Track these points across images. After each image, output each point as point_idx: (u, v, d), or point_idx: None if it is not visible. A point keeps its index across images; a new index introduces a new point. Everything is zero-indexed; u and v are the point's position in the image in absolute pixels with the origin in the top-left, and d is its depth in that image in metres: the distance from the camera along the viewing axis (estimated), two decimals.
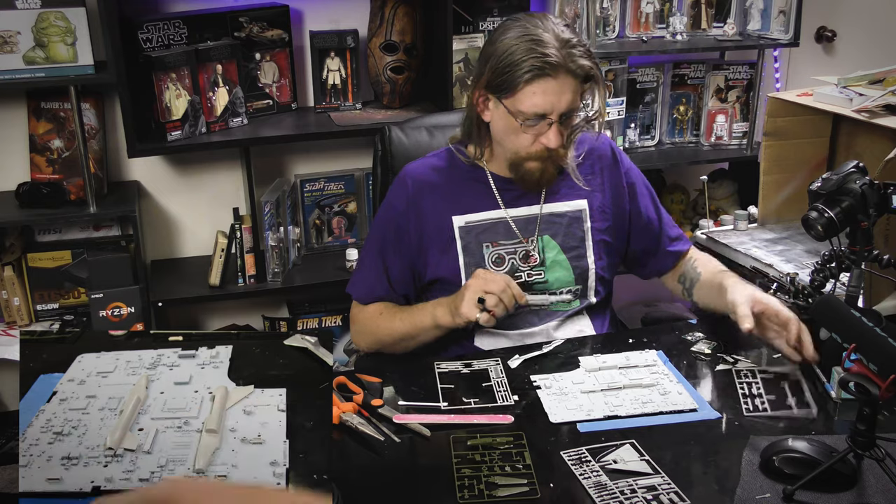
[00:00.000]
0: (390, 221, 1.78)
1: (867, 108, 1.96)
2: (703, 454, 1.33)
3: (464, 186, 1.76)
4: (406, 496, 1.25)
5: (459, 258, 1.74)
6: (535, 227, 1.75)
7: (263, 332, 2.86)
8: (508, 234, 1.75)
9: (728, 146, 3.14)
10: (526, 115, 1.61)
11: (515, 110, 1.61)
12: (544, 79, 1.58)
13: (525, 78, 1.58)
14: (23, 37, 2.34)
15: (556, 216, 1.77)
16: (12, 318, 2.63)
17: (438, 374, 1.56)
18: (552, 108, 1.60)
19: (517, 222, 1.75)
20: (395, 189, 1.80)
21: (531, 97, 1.59)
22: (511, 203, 1.76)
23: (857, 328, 1.25)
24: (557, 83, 1.58)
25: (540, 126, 1.62)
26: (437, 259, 1.75)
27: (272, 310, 2.99)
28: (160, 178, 2.80)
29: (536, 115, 1.61)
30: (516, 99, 1.61)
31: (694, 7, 2.99)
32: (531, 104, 1.59)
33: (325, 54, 2.75)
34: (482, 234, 1.74)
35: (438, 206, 1.75)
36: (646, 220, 1.84)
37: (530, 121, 1.62)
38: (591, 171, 1.80)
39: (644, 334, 1.72)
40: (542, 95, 1.58)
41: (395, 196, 1.79)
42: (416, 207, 1.75)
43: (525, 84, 1.58)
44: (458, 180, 1.77)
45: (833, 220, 1.54)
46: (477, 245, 1.74)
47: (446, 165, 1.79)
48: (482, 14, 2.83)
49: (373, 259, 1.79)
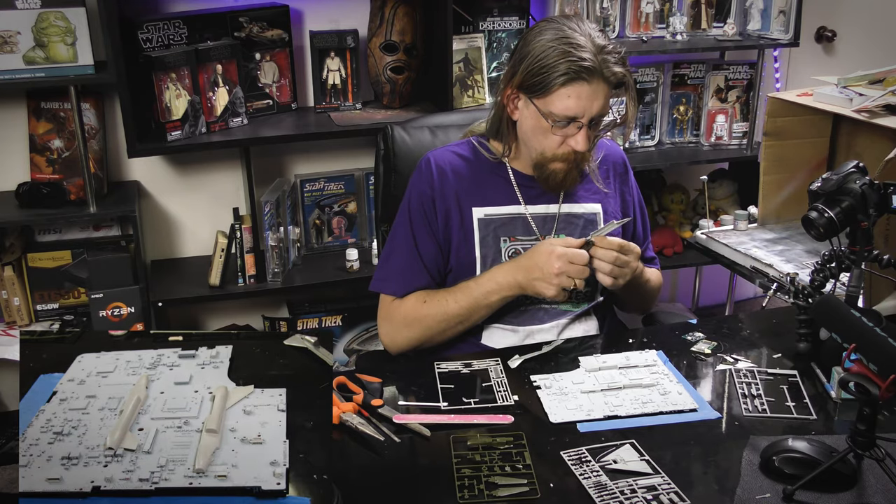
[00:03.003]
0: (418, 206, 1.76)
1: (867, 108, 1.96)
2: (703, 454, 1.33)
3: (486, 179, 1.77)
4: (406, 496, 1.25)
5: (476, 250, 1.74)
6: (552, 226, 1.77)
7: (263, 332, 2.86)
8: (526, 231, 1.76)
9: (728, 146, 3.14)
10: (557, 117, 1.62)
11: (547, 111, 1.63)
12: (579, 83, 1.59)
13: (560, 80, 1.59)
14: (23, 37, 2.34)
15: (573, 216, 1.78)
16: (12, 318, 2.63)
17: (438, 374, 1.56)
18: (584, 113, 1.61)
19: (535, 219, 1.76)
20: (420, 174, 1.78)
21: (565, 100, 1.60)
22: (531, 201, 1.77)
23: (857, 328, 1.25)
24: (591, 88, 1.59)
25: (569, 129, 1.64)
26: (455, 247, 1.75)
27: (272, 310, 2.99)
28: (160, 178, 2.80)
29: (567, 118, 1.62)
30: (549, 100, 1.62)
31: (694, 7, 3.00)
32: (564, 107, 1.61)
33: (325, 54, 2.75)
34: (500, 227, 1.75)
35: (460, 193, 1.76)
36: (634, 236, 1.88)
37: (560, 123, 1.63)
38: (606, 177, 1.83)
39: (644, 334, 1.72)
40: (576, 99, 1.60)
41: (419, 180, 1.78)
42: (441, 191, 1.75)
43: (560, 86, 1.59)
44: (480, 172, 1.78)
45: (833, 220, 1.54)
46: (494, 238, 1.75)
47: (470, 156, 1.80)
48: (482, 14, 2.84)
49: (403, 249, 1.76)
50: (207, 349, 1.24)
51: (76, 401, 1.14)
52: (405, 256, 1.76)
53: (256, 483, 1.06)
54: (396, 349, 1.75)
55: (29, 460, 1.06)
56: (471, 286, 1.69)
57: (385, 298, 1.77)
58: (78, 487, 1.03)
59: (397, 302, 1.75)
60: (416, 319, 1.71)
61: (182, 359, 1.22)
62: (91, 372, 1.19)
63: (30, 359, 1.20)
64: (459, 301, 1.69)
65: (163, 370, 1.20)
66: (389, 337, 1.75)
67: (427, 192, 1.75)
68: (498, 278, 1.66)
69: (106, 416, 1.12)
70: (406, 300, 1.74)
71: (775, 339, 1.69)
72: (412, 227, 1.76)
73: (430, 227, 1.75)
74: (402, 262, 1.76)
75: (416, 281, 1.75)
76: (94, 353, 1.22)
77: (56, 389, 1.16)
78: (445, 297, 1.70)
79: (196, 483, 1.05)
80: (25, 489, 1.03)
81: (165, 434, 1.10)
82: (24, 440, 1.08)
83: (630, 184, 1.88)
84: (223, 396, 1.16)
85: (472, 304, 1.68)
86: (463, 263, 1.75)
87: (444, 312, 1.69)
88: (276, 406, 1.17)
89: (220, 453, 1.09)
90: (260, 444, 1.11)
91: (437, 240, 1.75)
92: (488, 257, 1.74)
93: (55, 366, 1.19)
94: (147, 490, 1.04)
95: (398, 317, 1.74)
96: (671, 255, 3.07)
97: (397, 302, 1.75)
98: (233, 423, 1.13)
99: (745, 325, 1.78)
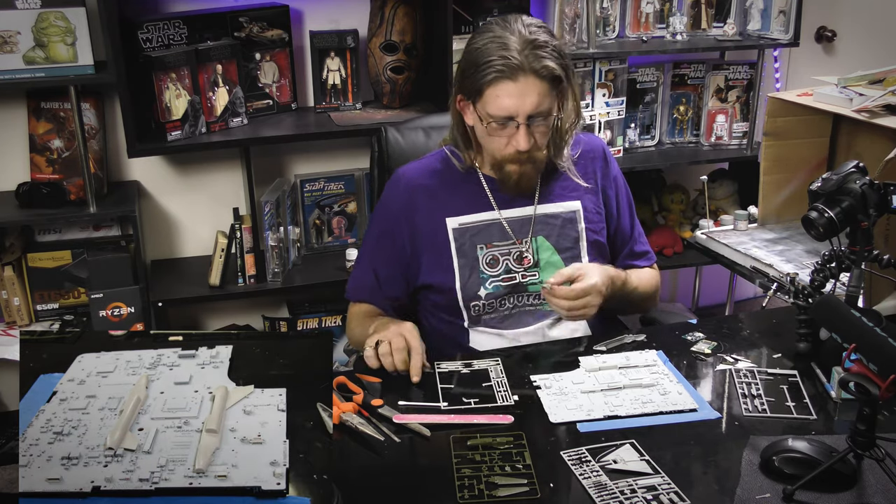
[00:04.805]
0: (381, 224, 1.80)
1: (867, 108, 1.96)
2: (703, 454, 1.33)
3: (457, 188, 1.77)
4: (406, 496, 1.25)
5: (454, 260, 1.74)
6: (529, 229, 1.76)
7: (263, 332, 2.86)
8: (503, 236, 1.75)
9: (728, 146, 3.14)
10: (493, 118, 1.62)
11: (483, 113, 1.63)
12: (504, 81, 1.58)
13: (487, 80, 1.59)
14: (23, 37, 2.34)
15: (550, 217, 1.77)
16: (12, 318, 2.63)
17: (438, 374, 1.56)
18: (517, 111, 1.60)
19: (511, 223, 1.75)
20: (389, 191, 1.81)
21: (495, 100, 1.60)
22: (504, 204, 1.76)
23: (857, 328, 1.25)
24: (518, 85, 1.58)
25: (509, 129, 1.63)
26: (431, 262, 1.75)
27: (272, 310, 2.99)
28: (160, 178, 2.80)
29: (503, 118, 1.61)
30: (483, 102, 1.62)
31: (694, 7, 3.00)
32: (496, 107, 1.60)
33: (325, 54, 2.75)
34: (476, 235, 1.74)
35: (432, 208, 1.75)
36: (620, 230, 1.87)
37: (497, 123, 1.62)
38: (585, 172, 1.81)
39: (644, 334, 1.72)
40: (506, 98, 1.59)
41: (388, 198, 1.80)
42: (410, 210, 1.76)
43: (488, 87, 1.60)
44: (451, 182, 1.77)
45: (833, 220, 1.54)
46: (471, 247, 1.74)
47: (440, 167, 1.79)
48: (482, 14, 2.83)
49: (364, 259, 1.84)
50: (207, 349, 1.24)
51: (76, 401, 1.14)
52: (361, 266, 1.84)
53: (256, 483, 1.06)
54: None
55: (29, 460, 1.06)
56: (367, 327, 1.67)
57: None
58: (78, 487, 1.03)
59: (351, 305, 1.85)
60: (349, 331, 1.85)
61: (182, 359, 1.22)
62: (91, 372, 1.19)
63: (30, 359, 1.20)
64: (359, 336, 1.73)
65: (163, 370, 1.20)
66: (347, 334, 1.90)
67: (394, 210, 1.78)
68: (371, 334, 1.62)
69: (106, 416, 1.12)
70: (353, 308, 1.84)
71: (775, 339, 1.69)
72: (373, 242, 1.82)
73: (390, 246, 1.78)
74: (358, 270, 1.84)
75: (361, 291, 1.83)
76: (94, 353, 1.22)
77: (56, 389, 1.16)
78: (363, 324, 1.73)
79: (196, 483, 1.05)
80: (25, 489, 1.03)
81: (165, 434, 1.10)
82: (24, 440, 1.08)
83: (611, 176, 1.84)
84: (223, 396, 1.16)
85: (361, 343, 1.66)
86: (442, 275, 1.74)
87: (353, 336, 1.81)
88: (276, 406, 1.17)
89: (220, 453, 1.09)
90: (260, 444, 1.11)
91: (401, 258, 1.78)
92: (467, 266, 1.74)
93: (55, 366, 1.19)
94: (147, 490, 1.04)
95: (347, 320, 1.86)
96: (671, 255, 3.07)
97: (351, 305, 1.85)
98: (233, 423, 1.13)
99: (745, 325, 1.78)
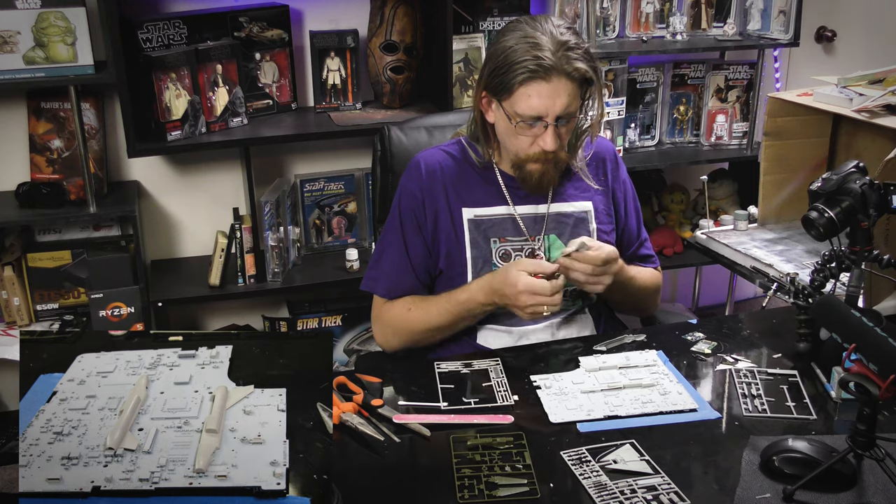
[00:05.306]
0: (407, 207, 1.77)
1: (867, 108, 1.95)
2: (703, 454, 1.33)
3: (474, 180, 1.77)
4: (406, 496, 1.25)
5: (467, 251, 1.74)
6: (542, 226, 1.76)
7: (263, 332, 2.86)
8: (516, 231, 1.76)
9: (728, 146, 3.14)
10: (521, 117, 1.62)
11: (512, 112, 1.63)
12: (538, 81, 1.58)
13: (520, 80, 1.59)
14: (23, 37, 2.34)
15: (562, 216, 1.78)
16: (12, 318, 2.63)
17: (438, 374, 1.56)
18: (547, 111, 1.61)
19: (525, 220, 1.76)
20: (409, 176, 1.79)
21: (526, 99, 1.60)
22: (519, 201, 1.77)
23: (857, 328, 1.25)
24: (551, 86, 1.59)
25: (537, 128, 1.63)
26: (446, 250, 1.76)
27: (272, 310, 2.99)
28: (160, 178, 2.80)
29: (532, 118, 1.61)
30: (512, 101, 1.62)
31: (694, 7, 2.99)
32: (526, 106, 1.60)
33: (325, 54, 2.75)
34: (490, 228, 1.75)
35: (450, 195, 1.76)
36: (626, 232, 1.87)
37: (525, 123, 1.62)
38: (596, 173, 1.82)
39: (644, 334, 1.72)
40: (537, 98, 1.59)
41: (409, 182, 1.78)
42: (430, 194, 1.76)
43: (519, 86, 1.59)
44: (469, 174, 1.78)
45: (833, 220, 1.54)
46: (485, 240, 1.75)
47: (459, 157, 1.80)
48: (482, 14, 2.83)
49: (393, 250, 1.78)
50: (207, 349, 1.24)
51: (76, 401, 1.14)
52: (395, 258, 1.77)
53: (256, 483, 1.06)
54: (389, 350, 1.80)
55: (29, 460, 1.06)
56: (453, 299, 1.70)
57: (377, 299, 1.80)
58: (78, 487, 1.03)
59: (387, 305, 1.78)
60: (402, 328, 1.75)
61: (182, 359, 1.22)
62: (91, 372, 1.19)
63: (30, 359, 1.20)
64: (442, 313, 1.71)
65: (163, 370, 1.20)
66: (381, 338, 1.80)
67: (417, 193, 1.76)
68: (479, 298, 1.66)
69: (106, 416, 1.12)
70: (394, 305, 1.77)
71: (775, 339, 1.69)
72: (402, 229, 1.77)
73: (419, 229, 1.76)
74: (392, 263, 1.78)
75: (403, 283, 1.77)
76: (94, 353, 1.22)
77: (56, 389, 1.16)
78: (429, 308, 1.72)
79: (196, 483, 1.05)
80: (25, 489, 1.03)
81: (165, 434, 1.10)
82: (24, 440, 1.08)
83: (620, 179, 1.86)
84: (223, 396, 1.16)
85: (455, 316, 1.70)
86: (454, 265, 1.75)
87: (428, 322, 1.72)
88: (276, 406, 1.17)
89: (220, 453, 1.09)
90: (260, 444, 1.11)
91: (426, 241, 1.76)
92: (479, 258, 1.74)
93: (55, 366, 1.19)
94: (147, 490, 1.04)
95: (386, 321, 1.77)
96: (671, 255, 3.07)
97: (387, 305, 1.78)
98: (233, 423, 1.13)
99: (745, 325, 1.78)
